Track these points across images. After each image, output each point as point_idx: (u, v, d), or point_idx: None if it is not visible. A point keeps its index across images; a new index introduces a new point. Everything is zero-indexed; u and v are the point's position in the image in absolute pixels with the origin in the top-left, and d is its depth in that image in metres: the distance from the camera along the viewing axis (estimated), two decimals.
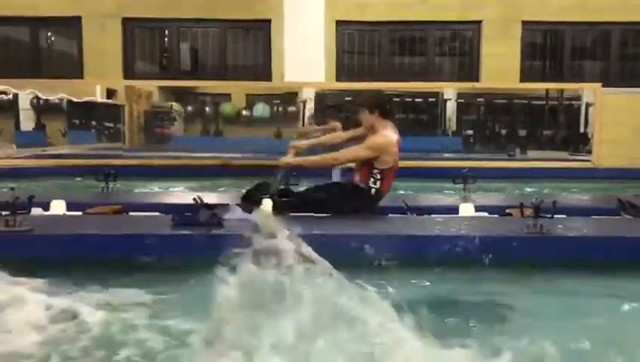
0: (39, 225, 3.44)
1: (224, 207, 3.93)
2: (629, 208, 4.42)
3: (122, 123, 10.49)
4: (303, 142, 4.47)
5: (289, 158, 4.12)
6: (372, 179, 4.02)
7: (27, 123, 10.45)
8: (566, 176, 8.11)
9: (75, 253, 3.25)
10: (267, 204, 3.61)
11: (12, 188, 3.55)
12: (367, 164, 4.03)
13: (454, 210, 4.44)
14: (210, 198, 3.96)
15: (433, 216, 4.13)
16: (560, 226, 3.54)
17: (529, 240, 3.34)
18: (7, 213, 3.35)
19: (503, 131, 11.29)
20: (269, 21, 9.50)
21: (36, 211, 3.88)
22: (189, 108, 11.15)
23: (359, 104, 4.33)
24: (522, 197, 4.19)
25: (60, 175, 7.31)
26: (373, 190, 4.03)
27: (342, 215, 3.89)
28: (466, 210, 4.44)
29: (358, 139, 4.28)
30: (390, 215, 4.22)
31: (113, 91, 10.66)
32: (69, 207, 4.33)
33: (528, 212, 3.64)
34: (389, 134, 4.07)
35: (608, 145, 8.70)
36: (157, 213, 4.22)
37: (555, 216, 3.87)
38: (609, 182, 7.57)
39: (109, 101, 10.85)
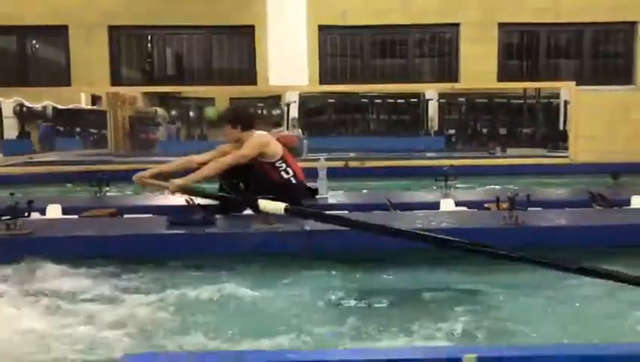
0: (39, 228, 3.58)
1: (215, 207, 4.12)
2: (599, 200, 4.67)
3: (107, 129, 10.57)
4: (148, 172, 4.24)
5: (174, 183, 3.93)
6: (283, 173, 4.23)
7: (10, 131, 10.47)
8: (544, 171, 8.37)
9: (76, 253, 3.41)
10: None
11: (12, 194, 3.68)
12: (266, 165, 4.21)
13: (436, 205, 4.65)
14: (199, 200, 4.12)
15: (415, 211, 4.32)
16: (533, 218, 3.77)
17: (504, 231, 3.56)
18: (8, 217, 3.50)
19: (484, 130, 11.56)
20: (252, 27, 9.67)
21: (34, 215, 4.02)
22: (173, 112, 11.28)
23: (222, 120, 4.42)
24: (500, 193, 4.40)
25: (51, 181, 7.39)
26: (292, 179, 4.26)
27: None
28: (447, 205, 4.65)
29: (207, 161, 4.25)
30: (375, 211, 4.42)
31: (98, 98, 10.77)
32: (65, 211, 4.47)
33: (504, 205, 3.87)
34: (255, 134, 4.23)
35: (584, 141, 9.02)
36: (150, 215, 4.37)
37: (530, 208, 4.11)
38: (585, 176, 7.81)
39: (94, 107, 10.95)
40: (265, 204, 3.51)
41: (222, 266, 3.28)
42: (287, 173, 4.26)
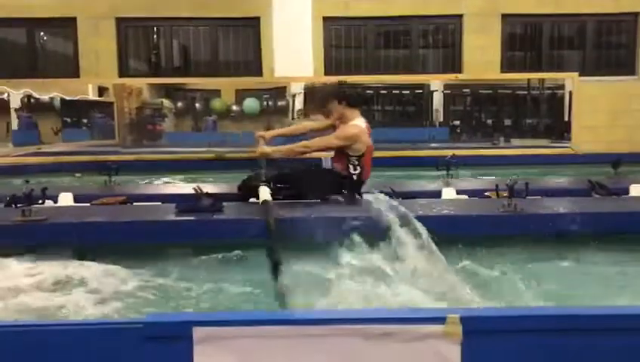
0: (53, 214, 3.72)
1: (223, 195, 4.25)
2: (598, 188, 4.77)
3: (114, 120, 10.68)
4: (270, 132, 4.69)
5: (264, 148, 4.29)
6: (351, 167, 4.28)
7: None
8: (547, 162, 8.46)
9: (88, 239, 3.54)
10: (265, 190, 3.87)
11: (27, 181, 3.81)
12: (342, 153, 4.29)
13: (437, 193, 4.77)
14: (208, 188, 4.25)
15: (417, 199, 4.44)
16: (532, 205, 3.88)
17: (502, 218, 3.67)
18: (22, 204, 3.64)
19: (489, 121, 11.61)
20: (258, 18, 9.77)
21: (47, 203, 4.17)
22: (180, 104, 11.37)
23: (327, 95, 4.54)
24: (500, 181, 4.49)
25: (61, 171, 7.53)
26: (354, 176, 4.30)
27: (332, 200, 4.18)
28: (448, 193, 4.76)
29: (325, 129, 4.52)
30: None
31: (105, 89, 10.88)
32: (76, 199, 4.61)
33: (504, 194, 3.99)
34: (358, 123, 4.31)
35: (587, 131, 9.08)
36: (159, 203, 4.50)
37: (530, 197, 4.22)
38: (588, 166, 7.89)
39: (100, 99, 11.07)
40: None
41: (228, 252, 3.40)
42: (356, 168, 4.28)
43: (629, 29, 9.95)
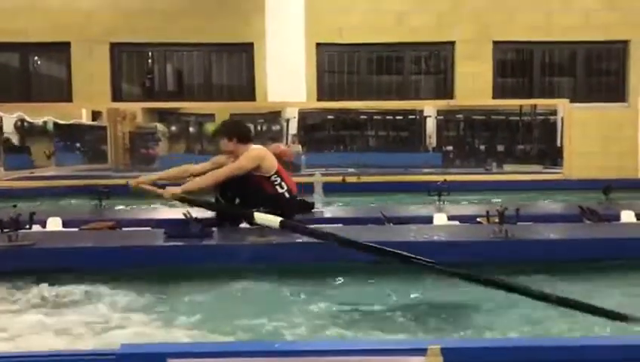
0: (40, 240, 3.67)
1: (211, 220, 4.22)
2: (589, 214, 4.76)
3: (107, 144, 10.67)
4: (146, 177, 4.54)
5: (171, 190, 4.15)
6: (277, 187, 4.29)
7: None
8: (539, 187, 8.46)
9: (76, 264, 3.49)
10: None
11: (14, 206, 3.77)
12: (262, 179, 4.27)
13: (429, 219, 4.74)
14: (196, 213, 4.20)
15: (409, 225, 4.41)
16: (523, 231, 3.86)
17: (493, 244, 3.65)
18: (9, 229, 3.59)
19: (482, 147, 11.67)
20: (251, 44, 9.85)
21: (35, 228, 4.12)
22: (173, 128, 11.38)
23: (217, 134, 4.48)
24: (491, 207, 4.48)
25: (52, 195, 7.48)
26: (286, 194, 4.32)
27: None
28: (440, 219, 4.74)
29: (205, 172, 4.37)
30: (369, 225, 4.51)
31: (99, 113, 10.90)
32: (65, 224, 4.56)
33: (495, 220, 3.97)
34: (252, 147, 4.31)
35: (579, 157, 9.13)
36: (148, 228, 4.46)
37: (522, 223, 4.20)
38: (579, 192, 7.90)
39: (94, 123, 11.07)
40: (261, 217, 3.63)
41: (216, 277, 3.36)
42: (282, 187, 4.33)
43: (619, 57, 10.08)
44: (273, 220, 3.50)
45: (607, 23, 9.75)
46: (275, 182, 4.31)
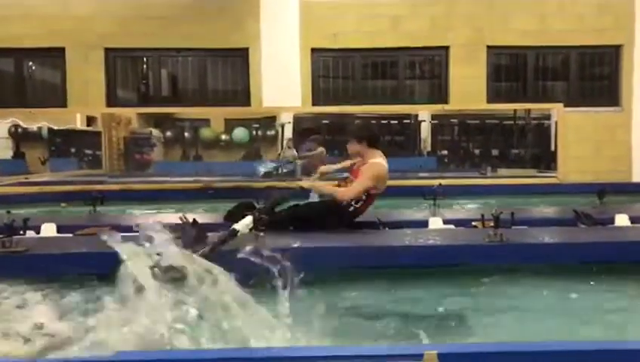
0: (34, 246, 3.66)
1: (209, 225, 4.20)
2: (584, 218, 4.78)
3: (101, 149, 10.64)
4: (332, 167, 4.99)
5: (305, 183, 4.51)
6: (358, 200, 4.29)
7: (5, 151, 10.54)
8: (533, 191, 8.49)
9: (70, 270, 3.47)
10: (248, 219, 3.83)
11: (8, 212, 3.76)
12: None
13: (424, 223, 4.75)
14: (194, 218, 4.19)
15: (404, 229, 4.42)
16: (518, 235, 3.87)
17: (488, 248, 3.66)
18: (3, 235, 3.58)
19: (476, 151, 11.69)
20: (246, 49, 9.85)
21: (29, 234, 4.11)
22: (169, 133, 11.35)
23: (348, 134, 4.66)
24: (486, 211, 4.49)
25: (46, 201, 7.45)
26: (352, 208, 4.30)
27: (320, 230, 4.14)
28: (435, 223, 4.75)
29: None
30: (365, 229, 4.51)
31: (93, 119, 10.87)
32: (60, 230, 4.54)
33: (490, 223, 3.98)
34: (383, 163, 4.36)
35: (573, 161, 9.17)
36: None
37: (516, 227, 4.22)
38: (573, 196, 7.92)
39: (88, 128, 11.04)
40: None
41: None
42: (359, 202, 4.30)
43: (612, 61, 10.14)
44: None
45: (600, 28, 9.81)
46: (362, 198, 4.31)
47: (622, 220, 4.78)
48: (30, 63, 10.32)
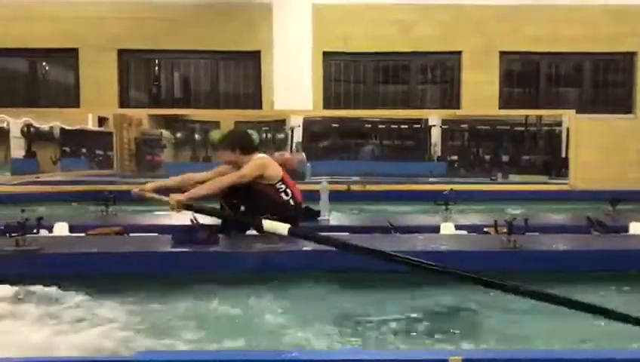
0: (47, 244, 3.67)
1: (218, 227, 4.21)
2: (597, 225, 4.74)
3: (113, 150, 10.68)
4: (150, 184, 4.48)
5: (175, 196, 4.01)
6: (282, 194, 4.32)
7: (17, 151, 10.60)
8: (545, 198, 8.44)
9: (82, 270, 3.49)
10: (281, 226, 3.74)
11: (23, 210, 3.77)
12: (267, 187, 4.28)
13: (436, 228, 4.73)
14: (203, 219, 4.20)
15: (416, 234, 4.40)
16: (531, 242, 3.84)
17: (501, 254, 3.63)
18: (17, 234, 3.59)
19: (487, 156, 11.63)
20: (258, 52, 9.88)
21: (42, 233, 4.12)
22: (179, 135, 11.38)
23: (220, 144, 4.47)
24: (498, 217, 4.46)
25: (58, 200, 7.49)
26: (291, 201, 4.34)
27: None
28: (447, 229, 4.72)
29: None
30: (376, 234, 4.49)
31: (105, 119, 10.92)
32: (72, 229, 4.56)
33: (503, 230, 3.95)
34: (256, 156, 4.33)
35: (585, 168, 9.11)
36: (155, 234, 4.45)
37: (529, 233, 4.18)
38: (585, 203, 7.86)
39: (100, 129, 11.09)
40: (269, 225, 3.61)
41: (224, 284, 3.35)
42: (287, 194, 4.35)
43: (626, 69, 10.07)
44: (282, 227, 3.49)
45: (613, 35, 9.75)
46: (280, 190, 4.33)
47: (637, 228, 4.72)
48: (44, 64, 10.41)
